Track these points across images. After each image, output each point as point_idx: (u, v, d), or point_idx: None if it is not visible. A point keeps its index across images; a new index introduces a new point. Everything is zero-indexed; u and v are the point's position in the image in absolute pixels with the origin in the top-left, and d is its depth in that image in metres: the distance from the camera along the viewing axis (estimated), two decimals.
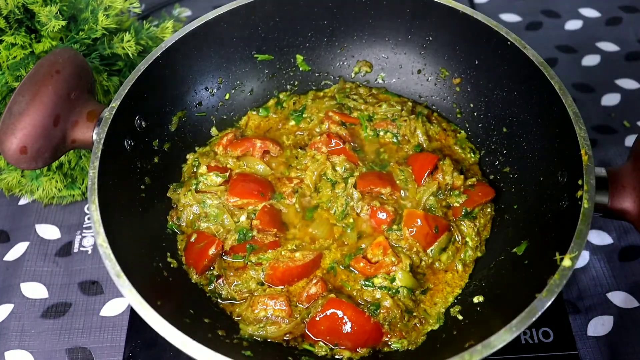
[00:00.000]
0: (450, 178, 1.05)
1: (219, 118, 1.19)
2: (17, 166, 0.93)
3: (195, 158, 1.12)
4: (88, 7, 1.12)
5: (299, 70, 1.23)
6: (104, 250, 0.83)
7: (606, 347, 1.02)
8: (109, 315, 1.10)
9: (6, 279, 1.15)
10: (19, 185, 1.18)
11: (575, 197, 0.85)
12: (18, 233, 1.21)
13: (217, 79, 1.17)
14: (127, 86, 0.99)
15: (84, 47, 1.12)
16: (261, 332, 0.93)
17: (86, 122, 0.96)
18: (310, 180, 1.07)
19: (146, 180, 1.05)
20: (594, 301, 1.07)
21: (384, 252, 0.98)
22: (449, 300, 0.98)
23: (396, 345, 0.91)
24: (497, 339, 0.75)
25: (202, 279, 1.00)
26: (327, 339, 0.92)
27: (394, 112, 1.16)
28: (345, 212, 1.04)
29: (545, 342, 1.00)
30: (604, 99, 1.37)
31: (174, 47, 1.06)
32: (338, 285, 0.98)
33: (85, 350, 1.06)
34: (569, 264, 0.78)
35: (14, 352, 1.05)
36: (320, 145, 1.10)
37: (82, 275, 1.15)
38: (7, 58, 1.05)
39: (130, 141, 1.02)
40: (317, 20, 1.18)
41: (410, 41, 1.18)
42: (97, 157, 0.91)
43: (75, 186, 1.20)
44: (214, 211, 1.04)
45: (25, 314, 1.10)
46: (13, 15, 1.05)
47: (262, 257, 0.99)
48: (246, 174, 1.08)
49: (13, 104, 0.91)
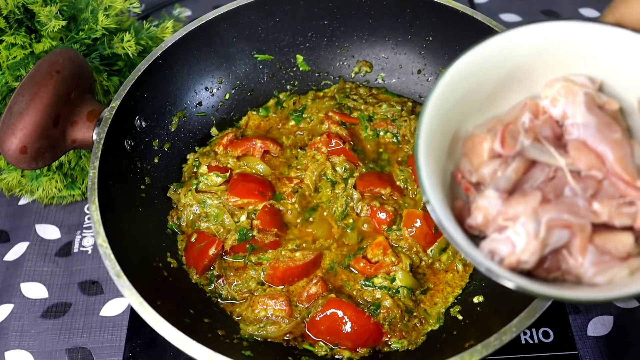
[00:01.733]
0: None
1: (219, 118, 1.19)
2: (17, 166, 0.93)
3: (195, 158, 1.12)
4: (88, 7, 1.12)
5: (299, 70, 1.23)
6: (104, 250, 0.84)
7: (606, 347, 1.03)
8: (109, 315, 1.10)
9: (6, 279, 1.15)
10: (19, 185, 1.18)
11: None
12: (18, 233, 1.21)
13: (217, 79, 1.17)
14: (127, 86, 0.99)
15: (84, 47, 1.12)
16: (261, 332, 0.93)
17: (86, 122, 0.96)
18: (310, 181, 1.07)
19: (146, 180, 1.05)
20: None
21: (384, 252, 0.98)
22: (449, 300, 0.98)
23: (396, 345, 0.92)
24: (497, 338, 0.75)
25: (202, 279, 1.00)
26: (327, 338, 0.92)
27: (394, 112, 1.16)
28: (345, 213, 1.04)
29: (545, 342, 1.00)
30: None
31: (174, 47, 1.06)
32: (338, 285, 0.98)
33: (85, 350, 1.06)
34: None
35: (14, 352, 1.05)
36: (320, 146, 1.10)
37: (82, 275, 1.15)
38: (7, 58, 1.05)
39: (131, 141, 1.02)
40: (317, 20, 1.18)
41: (410, 41, 1.18)
42: (97, 157, 0.92)
43: (75, 186, 1.20)
44: (214, 211, 1.04)
45: (25, 314, 1.10)
46: (13, 15, 1.05)
47: (263, 257, 0.99)
48: (246, 174, 1.08)
49: (13, 104, 0.91)
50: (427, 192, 0.64)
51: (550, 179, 0.65)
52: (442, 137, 0.70)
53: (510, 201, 0.64)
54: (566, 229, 0.61)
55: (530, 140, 0.65)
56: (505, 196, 0.64)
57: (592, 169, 0.63)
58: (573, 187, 0.63)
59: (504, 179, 0.65)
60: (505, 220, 0.63)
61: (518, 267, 0.62)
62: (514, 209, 0.63)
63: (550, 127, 0.67)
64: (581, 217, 0.62)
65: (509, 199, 0.64)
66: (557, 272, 0.64)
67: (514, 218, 0.63)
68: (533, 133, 0.66)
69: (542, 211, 0.62)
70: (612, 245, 0.61)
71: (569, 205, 0.62)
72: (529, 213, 0.62)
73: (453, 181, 0.71)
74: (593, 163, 0.63)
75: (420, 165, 0.64)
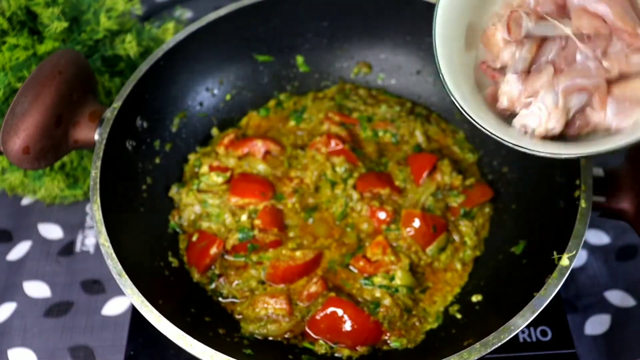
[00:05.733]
0: (448, 178, 1.06)
1: (220, 118, 1.19)
2: (20, 166, 0.94)
3: (197, 158, 1.13)
4: (90, 8, 1.12)
5: (299, 71, 1.24)
6: (106, 249, 0.84)
7: (603, 346, 1.03)
8: (110, 314, 1.10)
9: (9, 278, 1.15)
10: (22, 185, 1.19)
11: (572, 197, 0.86)
12: (21, 232, 1.22)
13: (218, 80, 1.18)
14: (128, 87, 1.00)
15: (86, 49, 1.12)
16: (262, 331, 0.94)
17: (88, 123, 0.97)
18: (310, 181, 1.08)
19: (148, 180, 1.05)
20: (591, 300, 1.08)
21: (384, 251, 0.99)
22: (448, 299, 0.98)
23: (395, 343, 0.92)
24: (496, 337, 0.75)
25: (203, 278, 1.01)
26: (327, 337, 0.93)
27: (393, 112, 1.16)
28: (344, 212, 1.05)
29: (543, 341, 1.01)
30: None
31: (175, 48, 1.06)
32: (338, 283, 0.99)
33: (87, 348, 1.06)
34: (566, 263, 0.79)
35: (16, 350, 1.06)
36: (320, 146, 1.11)
37: (84, 274, 1.15)
38: (9, 59, 1.06)
39: (132, 141, 1.03)
40: (317, 21, 1.18)
41: (410, 42, 1.19)
42: (99, 157, 0.92)
43: (77, 186, 1.20)
44: (216, 211, 1.05)
45: (28, 313, 1.10)
46: (16, 16, 1.06)
47: (263, 256, 1.00)
48: (247, 174, 1.09)
49: (16, 105, 0.91)
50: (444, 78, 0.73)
51: (564, 48, 0.71)
52: (458, 27, 0.76)
53: (528, 79, 0.71)
54: (582, 91, 0.69)
55: (534, 22, 0.70)
56: (524, 76, 0.72)
57: (597, 30, 0.67)
58: (582, 50, 0.69)
59: (521, 60, 0.72)
60: (528, 97, 0.71)
61: (548, 134, 0.70)
62: (532, 86, 0.71)
63: (553, 1, 0.71)
64: (593, 77, 0.68)
65: (527, 78, 0.72)
66: (589, 127, 0.71)
67: (534, 94, 0.71)
68: (535, 14, 0.71)
69: (556, 81, 0.69)
70: (630, 92, 0.67)
71: (581, 70, 0.69)
72: (545, 86, 0.70)
73: (480, 74, 0.77)
74: (596, 25, 0.67)
75: (438, 56, 0.74)
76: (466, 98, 0.73)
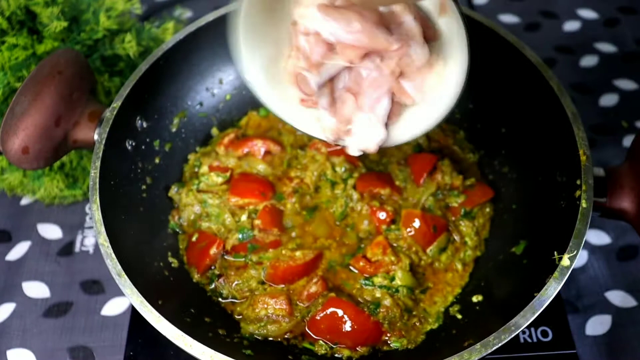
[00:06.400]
0: (449, 178, 1.06)
1: (220, 118, 1.19)
2: (19, 166, 0.94)
3: (196, 158, 1.13)
4: (89, 8, 1.12)
5: None
6: (106, 249, 0.84)
7: (604, 346, 1.03)
8: (110, 315, 1.10)
9: (8, 279, 1.15)
10: (21, 185, 1.18)
11: (573, 197, 0.86)
12: (20, 233, 1.22)
13: (217, 80, 1.18)
14: (128, 87, 1.00)
15: (86, 48, 1.12)
16: (262, 331, 0.93)
17: (87, 123, 0.97)
18: (310, 181, 1.08)
19: (147, 180, 1.05)
20: (592, 300, 1.08)
21: (384, 251, 0.99)
22: (448, 299, 0.98)
23: (396, 344, 0.92)
24: (496, 338, 0.75)
25: (203, 278, 1.01)
26: (327, 337, 0.92)
27: None
28: (345, 212, 1.05)
29: (544, 341, 1.01)
30: (602, 100, 1.38)
31: (175, 48, 1.06)
32: (338, 284, 0.99)
33: (86, 349, 1.06)
34: (567, 263, 0.79)
35: (15, 351, 1.06)
36: (320, 146, 1.11)
37: (83, 274, 1.15)
38: (9, 59, 1.06)
39: (132, 141, 1.02)
40: None
41: None
42: (98, 157, 0.92)
43: (76, 186, 1.20)
44: (215, 211, 1.05)
45: (27, 313, 1.10)
46: (15, 16, 1.06)
47: (263, 256, 1.00)
48: (247, 174, 1.09)
49: (15, 105, 0.91)
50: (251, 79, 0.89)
51: (350, 72, 0.83)
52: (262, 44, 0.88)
53: (337, 110, 0.86)
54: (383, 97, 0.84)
55: (317, 74, 0.82)
56: (333, 109, 0.86)
57: (361, 53, 0.78)
58: (363, 68, 0.81)
59: (323, 97, 0.85)
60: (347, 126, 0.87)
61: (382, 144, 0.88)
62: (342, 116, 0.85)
63: (322, 42, 0.79)
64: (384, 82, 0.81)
65: (336, 110, 0.86)
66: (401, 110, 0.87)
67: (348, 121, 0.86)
68: (315, 66, 0.81)
69: (360, 104, 0.83)
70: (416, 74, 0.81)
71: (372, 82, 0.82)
72: (354, 112, 0.85)
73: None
74: (358, 51, 0.78)
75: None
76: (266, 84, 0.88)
